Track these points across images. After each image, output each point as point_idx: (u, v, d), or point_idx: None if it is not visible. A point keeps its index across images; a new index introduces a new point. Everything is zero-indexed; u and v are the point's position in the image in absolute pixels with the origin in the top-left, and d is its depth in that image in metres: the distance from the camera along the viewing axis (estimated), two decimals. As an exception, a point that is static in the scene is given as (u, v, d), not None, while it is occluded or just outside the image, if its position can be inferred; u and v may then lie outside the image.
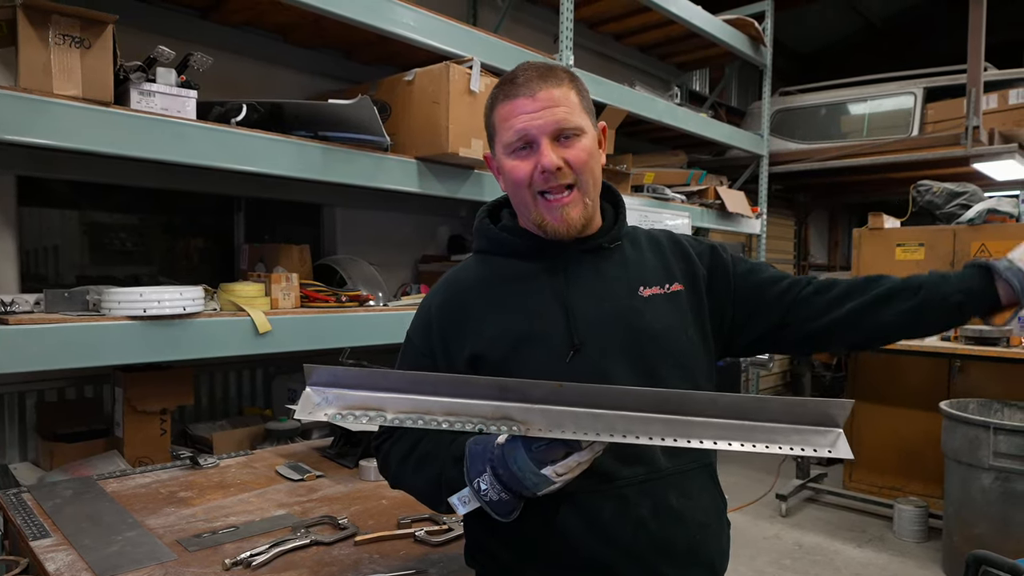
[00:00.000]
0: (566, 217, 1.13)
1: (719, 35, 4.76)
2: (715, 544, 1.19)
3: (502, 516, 1.00)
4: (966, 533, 3.29)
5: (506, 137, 1.13)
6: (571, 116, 1.11)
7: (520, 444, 0.94)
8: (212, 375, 3.09)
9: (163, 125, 1.99)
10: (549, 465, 0.93)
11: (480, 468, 1.00)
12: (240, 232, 3.28)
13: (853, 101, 6.14)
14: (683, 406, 0.93)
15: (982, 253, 4.18)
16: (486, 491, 0.98)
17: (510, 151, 1.14)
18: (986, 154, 4.91)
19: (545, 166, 1.09)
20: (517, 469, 0.94)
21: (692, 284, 1.22)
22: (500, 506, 0.99)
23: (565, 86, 1.13)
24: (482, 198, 2.92)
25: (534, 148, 1.11)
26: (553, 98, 1.10)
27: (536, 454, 0.94)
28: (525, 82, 1.12)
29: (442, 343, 1.17)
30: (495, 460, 0.98)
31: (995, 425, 3.15)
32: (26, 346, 1.74)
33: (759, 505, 4.44)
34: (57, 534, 1.44)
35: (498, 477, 0.97)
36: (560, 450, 0.93)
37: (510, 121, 1.12)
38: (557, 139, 1.11)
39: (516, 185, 1.14)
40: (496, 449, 0.98)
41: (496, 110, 1.16)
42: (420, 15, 2.68)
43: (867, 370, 4.59)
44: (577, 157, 1.11)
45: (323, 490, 1.80)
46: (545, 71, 1.13)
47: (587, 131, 1.14)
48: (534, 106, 1.10)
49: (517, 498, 0.98)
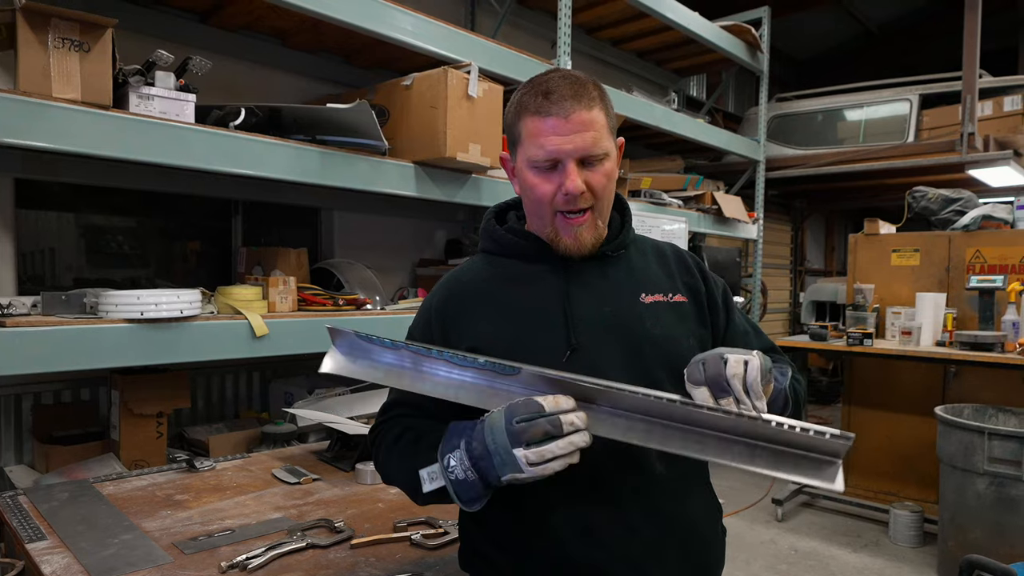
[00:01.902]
0: (579, 237, 1.15)
1: (716, 41, 4.78)
2: (708, 550, 1.19)
3: (464, 501, 1.00)
4: (961, 538, 3.29)
5: (533, 153, 1.12)
6: (600, 141, 1.11)
7: (504, 414, 0.96)
8: (209, 378, 3.09)
9: (162, 129, 1.99)
10: (523, 448, 0.93)
11: (455, 443, 1.00)
12: (237, 235, 3.28)
13: (849, 107, 6.17)
14: (688, 417, 0.95)
15: (977, 259, 4.20)
16: (453, 468, 0.99)
17: (534, 166, 1.14)
18: (981, 160, 4.94)
19: (570, 190, 1.10)
20: (491, 441, 0.95)
21: (694, 297, 1.23)
22: (464, 488, 0.99)
23: (596, 107, 1.12)
24: (480, 202, 2.93)
25: (559, 169, 1.11)
26: (584, 122, 1.10)
27: (514, 428, 0.94)
28: (559, 100, 1.10)
29: (442, 339, 1.18)
30: (474, 432, 0.98)
31: (990, 430, 3.16)
32: (23, 348, 1.74)
33: (755, 510, 4.44)
34: (53, 537, 1.44)
35: (471, 452, 0.98)
36: (541, 428, 0.93)
37: (540, 139, 1.11)
38: (582, 162, 1.12)
39: (537, 201, 1.15)
40: (480, 421, 0.99)
41: (524, 121, 1.14)
42: (418, 20, 2.69)
43: (863, 375, 4.61)
44: (599, 182, 1.12)
45: (319, 493, 1.80)
46: (579, 89, 1.12)
47: (611, 154, 1.15)
48: (566, 128, 1.09)
49: (483, 483, 0.98)
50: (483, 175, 2.92)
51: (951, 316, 4.07)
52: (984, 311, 3.93)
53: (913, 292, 4.30)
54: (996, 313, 3.89)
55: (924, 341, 4.02)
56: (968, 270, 4.20)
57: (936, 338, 4.03)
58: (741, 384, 0.94)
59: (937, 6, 8.23)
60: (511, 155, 1.22)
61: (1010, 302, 3.87)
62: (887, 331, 4.42)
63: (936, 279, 4.37)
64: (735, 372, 0.95)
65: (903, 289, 4.47)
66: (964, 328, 4.05)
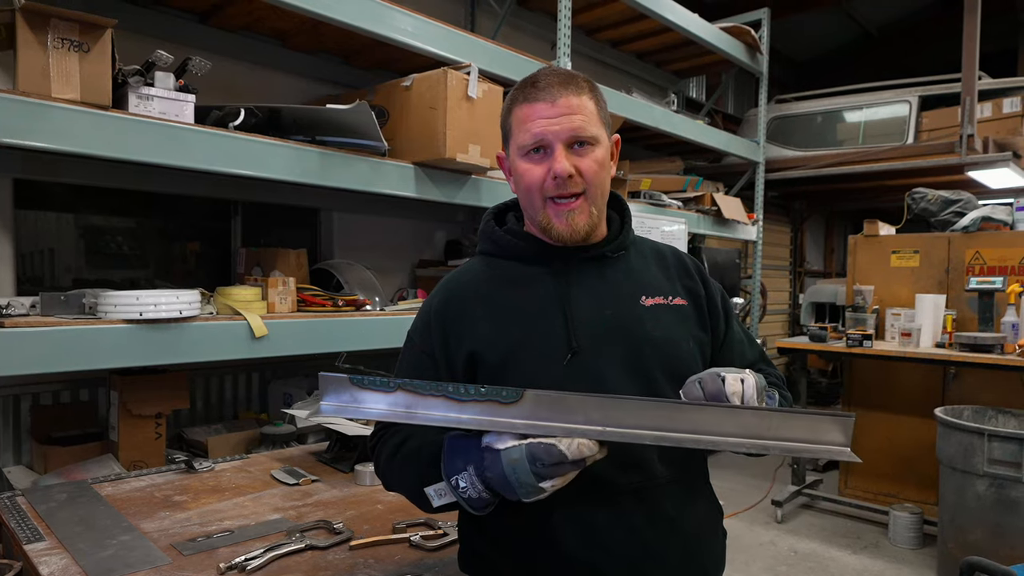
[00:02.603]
0: (571, 222, 1.14)
1: (716, 43, 4.78)
2: (709, 553, 1.19)
3: (476, 510, 1.02)
4: (961, 540, 3.29)
5: (522, 139, 1.14)
6: (588, 125, 1.12)
7: (525, 456, 0.93)
8: (208, 379, 3.08)
9: (161, 129, 1.99)
10: (548, 481, 0.94)
11: (459, 467, 1.00)
12: (237, 236, 3.28)
13: (849, 109, 6.17)
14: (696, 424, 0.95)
15: (976, 260, 4.20)
16: (465, 488, 0.99)
17: (524, 153, 1.15)
18: (980, 162, 4.95)
19: (558, 172, 1.10)
20: (514, 477, 0.94)
21: (694, 301, 1.23)
22: (477, 502, 1.00)
23: (585, 95, 1.14)
24: (479, 203, 2.93)
25: (548, 153, 1.12)
26: (572, 106, 1.11)
27: (538, 469, 0.93)
28: (546, 87, 1.12)
29: (442, 341, 1.17)
30: (485, 463, 0.97)
31: (989, 432, 3.16)
32: (21, 349, 1.74)
33: (755, 511, 4.44)
34: (51, 538, 1.43)
35: (484, 479, 0.97)
36: (567, 469, 0.94)
37: (527, 124, 1.13)
38: (571, 146, 1.12)
39: (527, 188, 1.15)
40: (487, 453, 0.97)
41: (514, 112, 1.17)
42: (418, 21, 2.69)
43: (862, 377, 4.61)
44: (589, 168, 1.12)
45: (318, 494, 1.79)
46: (567, 78, 1.14)
47: (601, 142, 1.15)
48: (553, 111, 1.11)
49: (495, 499, 1.00)
50: (483, 176, 2.92)
51: (951, 317, 4.07)
52: (984, 312, 3.93)
53: (913, 293, 4.30)
54: (996, 315, 3.89)
55: (924, 342, 4.02)
56: (968, 271, 4.20)
57: (936, 339, 4.03)
58: (740, 401, 0.97)
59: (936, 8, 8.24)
60: (505, 151, 1.22)
61: (1009, 304, 3.87)
62: (887, 332, 4.41)
63: (936, 280, 4.37)
64: (734, 390, 0.98)
65: (903, 290, 4.47)
66: (964, 330, 4.05)
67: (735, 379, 0.99)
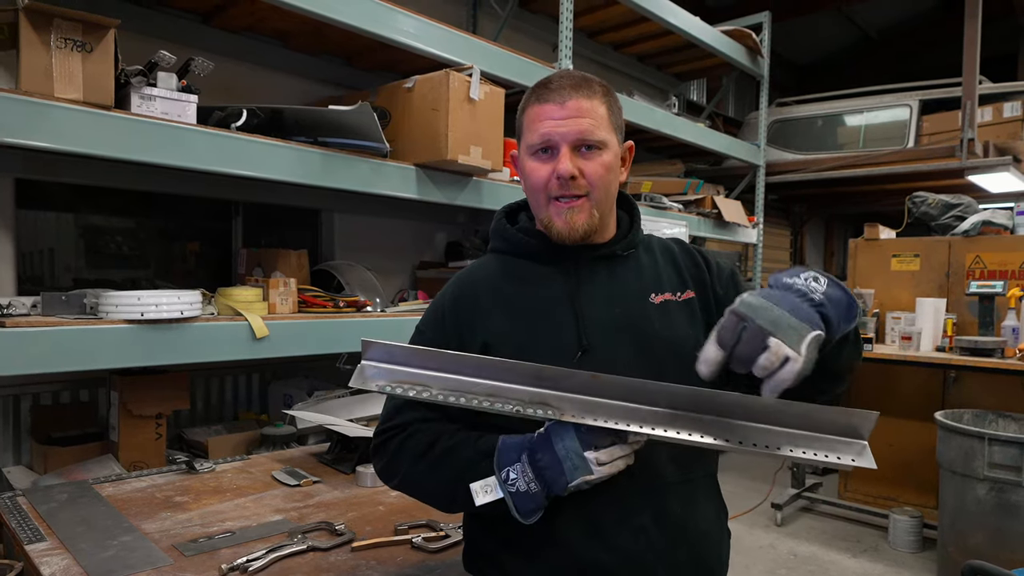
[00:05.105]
0: (570, 220, 1.14)
1: (717, 46, 4.79)
2: (715, 553, 1.19)
3: (523, 514, 1.01)
4: (961, 543, 3.29)
5: (530, 138, 1.16)
6: (596, 129, 1.13)
7: (571, 426, 0.99)
8: (208, 379, 3.08)
9: (163, 129, 1.99)
10: (593, 451, 0.98)
11: (513, 457, 1.02)
12: (238, 237, 3.28)
13: (849, 112, 6.18)
14: (715, 405, 0.97)
15: (977, 264, 4.20)
16: (515, 480, 1.01)
17: (532, 152, 1.16)
18: (981, 166, 4.95)
19: (561, 172, 1.11)
20: (562, 447, 0.98)
21: (702, 290, 1.23)
22: (525, 500, 1.00)
23: (597, 99, 1.14)
24: (480, 205, 2.93)
25: (554, 154, 1.14)
26: (581, 108, 1.12)
27: (584, 435, 0.99)
28: (558, 88, 1.14)
29: (456, 332, 1.18)
30: (535, 445, 1.01)
31: (990, 436, 3.15)
32: (22, 348, 1.73)
33: (754, 514, 4.44)
34: (52, 538, 1.43)
35: (535, 463, 1.00)
36: (607, 437, 0.98)
37: (536, 124, 1.15)
38: (578, 149, 1.13)
39: (533, 187, 1.17)
40: (538, 435, 1.02)
41: (526, 111, 1.18)
42: (421, 23, 2.69)
43: (863, 380, 4.60)
44: (594, 171, 1.13)
45: (320, 496, 1.79)
46: (580, 81, 1.15)
47: (610, 146, 1.15)
48: (561, 113, 1.12)
49: (544, 494, 1.00)
50: (484, 178, 2.92)
51: (951, 321, 4.06)
52: (984, 316, 3.93)
53: (913, 297, 4.30)
54: (996, 319, 3.89)
55: (924, 346, 4.02)
56: (968, 275, 4.20)
57: (936, 343, 4.03)
58: (763, 375, 0.85)
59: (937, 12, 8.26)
60: (518, 150, 1.24)
61: (1010, 308, 3.87)
62: (887, 336, 4.41)
63: (936, 284, 4.38)
64: (766, 366, 0.84)
65: (903, 294, 4.47)
66: (964, 333, 4.05)
67: (777, 355, 0.83)
